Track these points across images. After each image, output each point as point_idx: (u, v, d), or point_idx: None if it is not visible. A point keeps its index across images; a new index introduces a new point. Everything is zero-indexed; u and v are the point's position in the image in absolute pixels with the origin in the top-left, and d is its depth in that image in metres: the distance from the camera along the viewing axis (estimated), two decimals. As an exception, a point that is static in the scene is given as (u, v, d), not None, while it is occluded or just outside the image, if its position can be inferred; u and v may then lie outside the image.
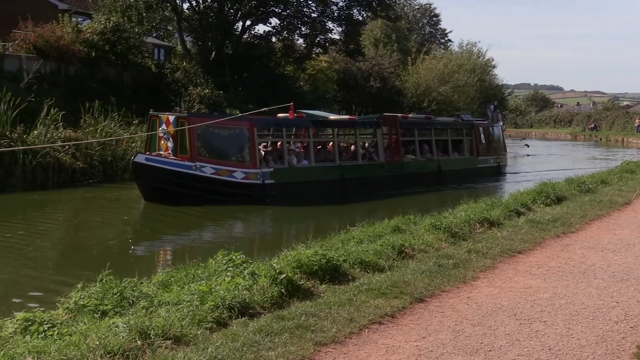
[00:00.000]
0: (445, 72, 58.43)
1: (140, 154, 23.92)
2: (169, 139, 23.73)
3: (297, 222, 21.94)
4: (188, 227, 20.38)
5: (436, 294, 9.52)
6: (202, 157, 23.63)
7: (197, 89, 38.17)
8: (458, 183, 30.73)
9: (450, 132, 34.29)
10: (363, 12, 48.06)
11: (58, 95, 31.47)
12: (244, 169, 24.20)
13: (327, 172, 27.15)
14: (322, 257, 9.86)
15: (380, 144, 29.65)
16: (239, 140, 24.90)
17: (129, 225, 19.96)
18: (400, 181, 29.02)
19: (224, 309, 7.98)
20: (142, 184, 23.48)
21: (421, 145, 32.03)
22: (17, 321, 7.82)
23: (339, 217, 22.12)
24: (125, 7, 40.75)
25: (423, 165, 31.60)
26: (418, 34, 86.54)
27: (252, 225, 21.74)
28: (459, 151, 34.37)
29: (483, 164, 35.34)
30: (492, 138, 37.28)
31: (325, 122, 29.88)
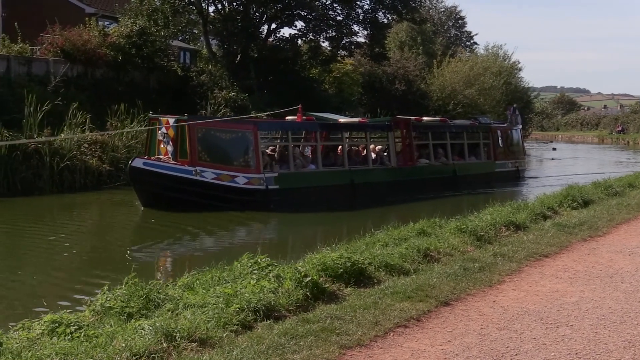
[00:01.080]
0: (470, 75, 58.14)
1: (137, 158, 23.30)
2: (168, 142, 23.04)
3: (300, 229, 21.41)
4: (200, 232, 19.88)
5: (462, 297, 9.48)
6: (202, 162, 22.91)
7: (223, 92, 38.25)
8: (475, 188, 30.08)
9: (467, 135, 33.45)
10: (388, 15, 48.01)
11: (85, 99, 31.68)
12: (247, 173, 23.46)
13: (335, 177, 26.38)
14: (347, 260, 9.86)
15: (392, 147, 28.82)
16: (241, 144, 24.19)
17: (155, 228, 19.95)
18: (412, 186, 28.11)
19: (249, 311, 7.98)
20: (140, 189, 22.72)
21: (436, 149, 31.20)
22: (45, 323, 7.86)
23: (344, 223, 21.90)
24: (151, 11, 40.94)
25: (437, 169, 30.75)
26: (443, 36, 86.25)
27: (256, 231, 21.16)
28: (475, 155, 33.57)
29: (501, 169, 34.48)
30: (511, 141, 36.45)
31: (333, 126, 29.01)
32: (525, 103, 72.38)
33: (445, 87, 56.65)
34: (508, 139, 36.04)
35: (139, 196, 22.80)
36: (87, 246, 17.51)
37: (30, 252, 16.90)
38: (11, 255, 16.51)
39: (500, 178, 33.46)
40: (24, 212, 22.58)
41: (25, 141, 24.45)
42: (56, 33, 34.53)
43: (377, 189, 27.08)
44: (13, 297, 12.82)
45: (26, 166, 25.79)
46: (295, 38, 46.04)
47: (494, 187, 30.97)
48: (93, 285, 12.70)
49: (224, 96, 37.80)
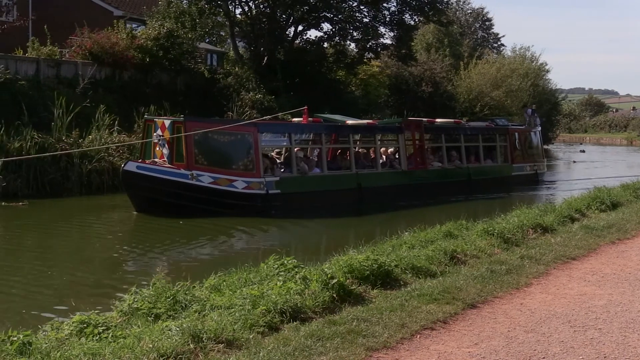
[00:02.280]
0: (497, 76, 57.90)
1: (130, 161, 22.53)
2: (164, 145, 22.24)
3: (300, 236, 20.63)
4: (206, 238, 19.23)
5: (489, 300, 9.45)
6: (199, 165, 22.06)
7: (249, 94, 38.35)
8: (490, 192, 28.99)
9: (482, 137, 32.42)
10: (415, 17, 47.89)
11: (112, 101, 31.90)
12: (246, 177, 22.61)
13: (342, 180, 25.57)
14: (373, 262, 9.86)
15: (402, 150, 27.83)
16: (241, 147, 23.23)
17: (183, 229, 19.99)
18: (424, 190, 27.22)
19: (275, 313, 8.00)
20: (133, 194, 21.95)
21: (449, 152, 30.30)
22: (73, 323, 7.92)
23: (347, 229, 21.54)
24: (178, 13, 41.12)
25: (451, 173, 29.90)
26: (470, 38, 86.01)
27: (255, 238, 19.89)
28: (491, 158, 32.63)
29: (518, 172, 33.47)
30: (529, 144, 35.42)
31: (340, 128, 27.64)
32: (552, 105, 72.07)
33: (472, 89, 56.45)
34: (526, 141, 35.16)
35: (132, 201, 22.09)
36: (114, 247, 17.60)
37: (58, 253, 17.03)
38: (40, 256, 16.64)
39: (518, 182, 32.64)
40: (52, 214, 22.76)
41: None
42: (85, 36, 34.78)
43: (386, 193, 26.19)
44: (42, 297, 12.94)
45: (55, 168, 26.00)
46: (321, 40, 46.05)
47: (511, 191, 30.34)
48: (121, 287, 12.77)
49: (251, 98, 37.89)
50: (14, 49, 33.00)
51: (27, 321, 10.48)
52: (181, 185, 21.67)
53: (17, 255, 16.74)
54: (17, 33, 34.61)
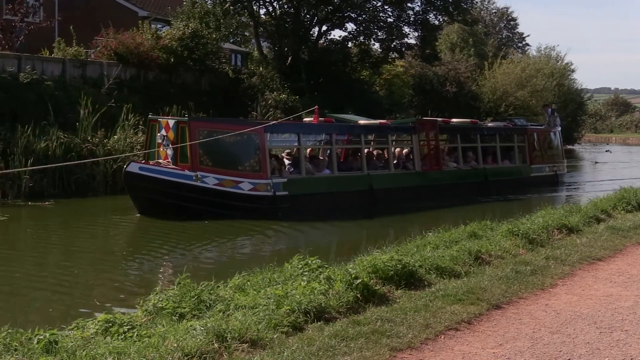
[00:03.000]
0: (522, 76, 57.60)
1: (133, 162, 21.82)
2: (168, 146, 21.68)
3: (311, 238, 20.05)
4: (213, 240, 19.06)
5: (513, 300, 9.42)
6: (204, 166, 21.47)
7: (273, 94, 38.41)
8: (508, 194, 28.42)
9: (500, 138, 31.62)
10: (439, 17, 47.76)
11: (137, 101, 32.04)
12: (252, 179, 21.94)
13: (353, 182, 24.84)
14: (397, 262, 9.85)
15: (416, 151, 27.10)
16: (247, 148, 22.66)
17: (207, 229, 19.99)
18: (439, 192, 26.53)
19: (299, 313, 8.01)
20: (136, 196, 21.42)
21: (465, 152, 29.60)
22: (99, 322, 7.96)
23: (356, 232, 21.26)
24: (203, 14, 41.23)
25: (466, 174, 29.15)
26: (495, 38, 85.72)
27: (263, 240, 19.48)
28: (509, 159, 31.86)
29: (537, 173, 32.74)
30: (549, 144, 34.59)
31: (351, 128, 27.10)
32: (578, 105, 71.63)
33: (496, 89, 56.22)
34: (545, 141, 34.35)
35: (135, 203, 21.60)
36: (139, 247, 17.67)
37: (84, 252, 17.12)
38: (66, 256, 16.74)
39: (537, 183, 31.89)
40: (78, 213, 22.88)
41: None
42: (110, 36, 34.97)
43: (399, 194, 25.41)
44: (67, 296, 13.02)
45: (80, 168, 26.15)
46: (345, 40, 46.02)
47: (529, 193, 29.59)
48: (145, 286, 12.83)
49: (275, 98, 37.95)
50: (40, 49, 33.25)
51: (53, 320, 10.55)
52: (185, 186, 21.12)
53: (43, 255, 16.86)
54: (43, 34, 34.87)
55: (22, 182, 24.24)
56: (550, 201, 25.23)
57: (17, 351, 6.97)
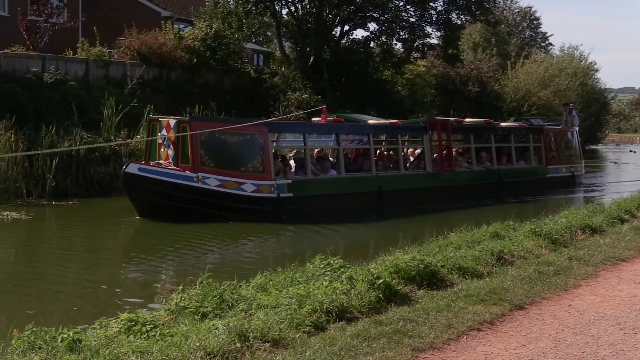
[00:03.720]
0: (545, 76, 57.33)
1: (132, 163, 21.51)
2: (169, 146, 21.22)
3: (311, 242, 19.34)
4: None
5: (536, 301, 9.38)
6: (206, 167, 21.02)
7: (295, 93, 38.45)
8: (523, 195, 27.85)
9: (515, 138, 30.82)
10: (462, 16, 47.59)
11: (160, 101, 32.19)
12: (255, 180, 21.42)
13: (361, 183, 24.26)
14: (420, 262, 9.83)
15: (427, 151, 26.45)
16: (250, 148, 22.09)
17: (232, 229, 19.96)
18: (451, 194, 25.93)
19: (321, 313, 8.02)
20: (136, 197, 21.00)
21: (479, 153, 29.04)
22: (122, 321, 8.00)
23: (362, 235, 20.90)
24: (225, 14, 41.32)
25: (480, 175, 28.48)
26: (518, 37, 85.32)
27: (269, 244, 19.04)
28: (525, 159, 31.15)
29: (554, 174, 31.94)
30: (566, 145, 33.74)
31: (359, 128, 26.55)
32: (601, 105, 71.24)
33: (519, 89, 55.99)
34: (563, 141, 33.51)
35: (134, 205, 21.17)
36: (162, 246, 17.72)
37: (108, 251, 17.21)
38: (90, 255, 16.84)
39: (553, 184, 31.20)
40: (101, 213, 23.00)
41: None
42: (133, 36, 35.14)
43: (410, 196, 24.86)
44: (91, 295, 13.10)
45: (104, 168, 26.30)
46: (368, 40, 45.98)
47: (545, 194, 29.03)
48: (168, 286, 12.88)
49: (297, 98, 37.99)
50: (64, 50, 33.46)
51: (76, 319, 10.62)
52: (186, 188, 20.64)
53: (66, 254, 16.96)
54: (67, 34, 35.07)
55: (46, 182, 24.41)
56: (567, 203, 24.52)
57: (41, 350, 7.02)
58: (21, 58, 29.56)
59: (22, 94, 27.35)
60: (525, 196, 27.77)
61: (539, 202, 26.71)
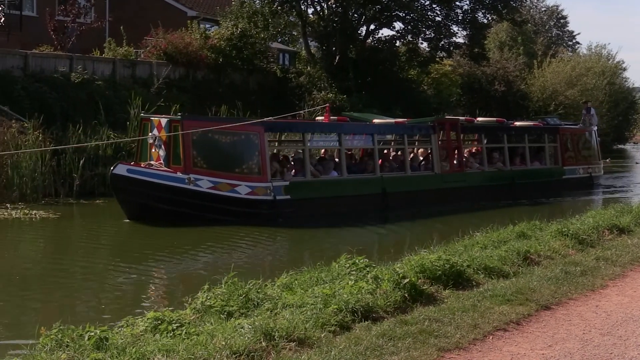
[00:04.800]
0: (572, 75, 56.96)
1: (121, 164, 20.47)
2: (160, 146, 20.37)
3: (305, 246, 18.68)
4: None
5: (563, 301, 9.33)
6: (198, 168, 20.18)
7: (321, 93, 38.48)
8: (537, 197, 26.87)
9: (529, 138, 29.65)
10: (488, 15, 47.41)
11: (186, 100, 32.31)
12: (250, 182, 20.55)
13: (363, 185, 23.30)
14: (445, 262, 9.81)
15: (436, 152, 25.44)
16: (245, 148, 21.21)
17: (256, 228, 19.89)
18: (460, 195, 25.00)
19: (347, 312, 8.02)
20: (124, 200, 20.08)
21: (491, 153, 27.97)
22: (148, 320, 8.05)
23: (367, 238, 20.16)
24: (251, 13, 41.41)
25: (491, 176, 27.36)
26: (544, 36, 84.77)
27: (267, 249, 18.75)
28: (539, 160, 30.05)
29: (570, 175, 30.76)
30: (583, 145, 32.59)
31: (363, 127, 25.65)
32: (629, 104, 70.66)
33: (546, 88, 55.67)
34: (580, 141, 32.39)
35: (122, 208, 20.27)
36: (188, 245, 17.74)
37: (133, 250, 17.29)
38: (115, 254, 16.93)
39: (569, 186, 30.09)
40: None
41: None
42: (159, 36, 35.31)
43: (416, 198, 24.05)
44: (117, 294, 13.18)
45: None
46: (393, 39, 45.91)
47: (561, 196, 28.20)
48: (194, 285, 12.92)
49: (323, 97, 38.00)
50: (91, 50, 33.67)
51: (103, 317, 10.68)
52: (176, 190, 19.82)
53: (93, 253, 17.06)
54: (94, 34, 35.30)
55: (73, 181, 24.59)
56: (583, 205, 24.04)
57: (68, 347, 7.08)
58: (49, 58, 29.79)
59: (50, 94, 27.59)
60: (540, 198, 26.93)
61: (553, 204, 26.03)
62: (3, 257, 16.45)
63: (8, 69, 27.87)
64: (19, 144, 23.58)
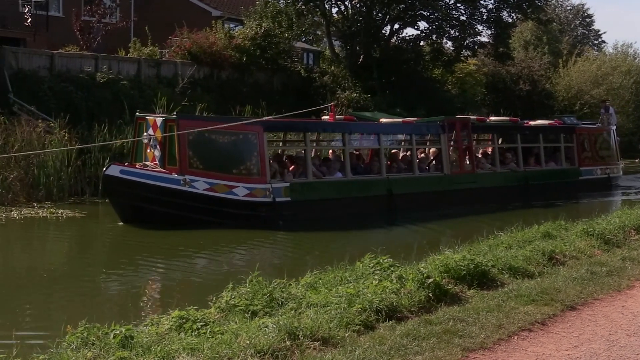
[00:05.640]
0: (598, 74, 56.58)
1: (114, 164, 19.86)
2: (156, 146, 19.66)
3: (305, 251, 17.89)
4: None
5: (589, 302, 9.28)
6: (194, 169, 19.45)
7: (345, 92, 38.48)
8: (552, 199, 26.00)
9: (543, 138, 28.65)
10: (513, 14, 47.22)
11: (210, 100, 32.38)
12: (248, 183, 19.81)
13: (368, 186, 22.53)
14: (470, 262, 9.79)
15: (445, 152, 24.50)
16: (243, 148, 20.42)
17: (260, 232, 19.31)
18: (471, 197, 24.27)
19: (371, 312, 8.02)
20: (117, 202, 19.52)
21: (504, 154, 27.31)
22: (173, 318, 8.09)
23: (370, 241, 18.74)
24: (275, 13, 41.48)
25: (504, 177, 26.51)
26: (570, 35, 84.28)
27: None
28: (555, 161, 29.13)
29: (587, 176, 29.74)
30: (601, 144, 31.48)
31: (368, 127, 24.98)
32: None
33: (571, 87, 55.36)
34: (597, 141, 31.30)
35: (116, 210, 19.67)
36: (213, 245, 17.77)
37: (158, 249, 17.34)
38: (140, 253, 16.99)
39: (587, 187, 29.06)
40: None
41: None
42: (184, 36, 35.43)
43: (424, 200, 23.27)
44: (142, 293, 13.24)
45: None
46: (418, 39, 45.83)
47: (577, 198, 27.60)
48: (218, 284, 12.96)
49: (347, 97, 38.01)
50: (116, 49, 33.85)
51: (128, 315, 10.74)
52: (171, 192, 19.14)
53: (118, 252, 17.14)
54: (119, 34, 35.52)
55: (99, 181, 24.72)
56: (600, 207, 23.32)
57: (94, 346, 7.13)
58: (75, 58, 29.98)
59: (76, 93, 27.80)
60: (554, 200, 26.02)
61: (568, 206, 25.08)
62: (30, 255, 16.60)
63: (35, 69, 28.10)
64: (45, 144, 23.76)
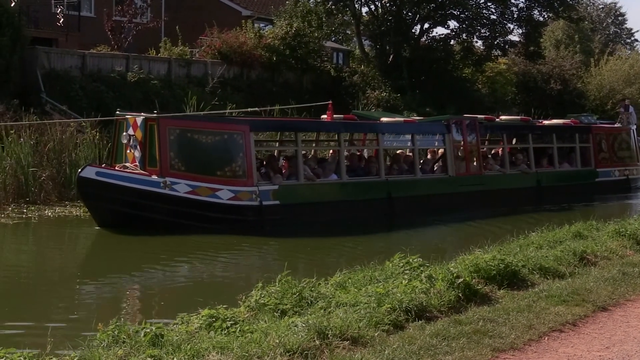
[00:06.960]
0: (630, 73, 56.14)
1: (89, 166, 18.81)
2: (136, 147, 18.60)
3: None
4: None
5: (621, 302, 9.21)
6: (175, 171, 18.39)
7: (375, 92, 38.44)
8: (566, 201, 24.60)
9: (557, 138, 27.20)
10: (544, 13, 46.95)
11: (240, 99, 32.46)
12: (233, 186, 18.72)
13: (365, 189, 21.31)
14: (500, 262, 9.75)
15: (450, 153, 23.13)
16: (228, 149, 19.31)
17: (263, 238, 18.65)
18: (478, 200, 23.02)
19: (400, 311, 8.02)
20: (93, 205, 18.46)
21: (515, 155, 26.07)
22: (202, 317, 8.12)
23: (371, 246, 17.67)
24: (305, 13, 41.52)
25: (514, 179, 25.10)
26: (602, 34, 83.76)
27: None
28: (569, 162, 27.61)
29: (604, 177, 28.13)
30: (620, 145, 29.80)
31: (366, 126, 23.81)
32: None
33: (603, 86, 54.93)
34: (615, 141, 29.65)
35: (92, 214, 18.64)
36: (241, 244, 17.78)
37: (189, 249, 17.38)
38: (170, 253, 17.04)
39: (604, 189, 27.58)
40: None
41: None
42: (214, 36, 35.57)
43: (426, 203, 21.95)
44: (169, 291, 13.31)
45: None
46: (448, 38, 45.67)
47: (594, 201, 26.09)
48: (247, 283, 12.99)
49: (376, 96, 37.98)
50: (147, 49, 34.06)
51: (158, 314, 10.80)
52: (150, 195, 18.13)
53: (149, 250, 17.19)
54: (150, 34, 35.70)
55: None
56: (617, 210, 22.56)
57: (125, 343, 7.17)
58: (106, 58, 30.23)
59: (107, 93, 28.02)
60: (568, 203, 24.61)
61: (582, 209, 23.44)
62: (61, 253, 16.72)
63: (67, 68, 28.36)
64: (77, 143, 23.93)
